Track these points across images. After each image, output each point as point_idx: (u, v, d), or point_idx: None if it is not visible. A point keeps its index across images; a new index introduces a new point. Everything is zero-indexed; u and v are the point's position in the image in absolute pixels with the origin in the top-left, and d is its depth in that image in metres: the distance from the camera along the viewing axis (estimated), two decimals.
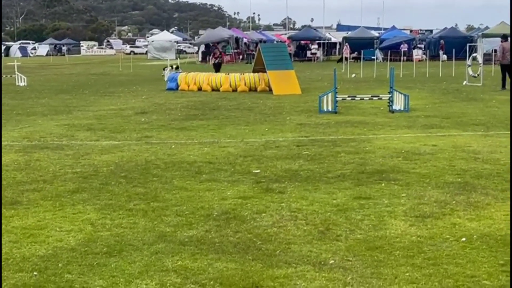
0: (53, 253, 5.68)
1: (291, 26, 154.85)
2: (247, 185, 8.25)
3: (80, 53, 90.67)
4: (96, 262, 5.42)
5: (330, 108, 16.64)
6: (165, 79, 26.83)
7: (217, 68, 33.82)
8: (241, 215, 6.79)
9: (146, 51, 73.36)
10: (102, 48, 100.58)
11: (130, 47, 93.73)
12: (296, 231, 6.20)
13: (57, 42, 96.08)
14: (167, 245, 5.85)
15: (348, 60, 39.93)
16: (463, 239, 5.83)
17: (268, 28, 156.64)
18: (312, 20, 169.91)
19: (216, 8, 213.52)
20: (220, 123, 14.64)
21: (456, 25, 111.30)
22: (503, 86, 23.27)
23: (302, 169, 9.20)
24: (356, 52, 50.20)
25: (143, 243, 5.92)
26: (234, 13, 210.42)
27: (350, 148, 11.01)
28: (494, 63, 31.10)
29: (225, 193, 7.79)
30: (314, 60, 57.10)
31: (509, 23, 54.76)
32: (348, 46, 52.50)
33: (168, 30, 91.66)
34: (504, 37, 25.48)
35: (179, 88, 24.64)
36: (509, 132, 12.67)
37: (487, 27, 62.56)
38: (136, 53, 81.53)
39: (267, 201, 7.37)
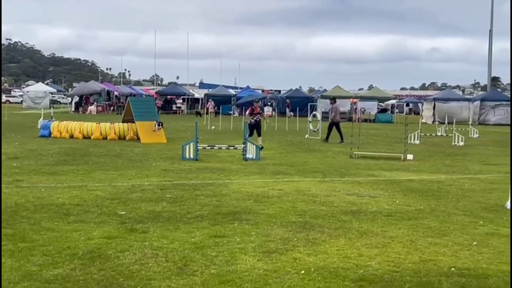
0: None
1: (159, 82, 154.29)
2: (113, 225, 7.97)
3: None
4: None
5: (192, 156, 16.65)
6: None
7: (254, 129, 20.66)
8: (106, 254, 6.52)
9: (21, 101, 69.82)
10: None
11: (6, 96, 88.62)
12: (157, 268, 6.05)
13: None
14: (32, 283, 5.47)
15: (209, 114, 40.35)
16: (302, 271, 5.96)
17: (138, 83, 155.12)
18: (177, 77, 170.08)
19: (90, 64, 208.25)
20: (89, 168, 14.13)
21: (300, 87, 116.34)
22: (327, 139, 25.11)
23: (164, 211, 9.05)
24: (216, 107, 51.06)
25: (9, 282, 5.50)
26: (107, 69, 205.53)
27: (208, 191, 11.01)
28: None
29: (91, 234, 7.46)
30: (179, 113, 57.15)
31: (343, 87, 58.29)
32: (212, 102, 53.40)
33: (43, 82, 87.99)
34: (333, 99, 27.60)
35: (52, 135, 23.62)
36: (342, 179, 13.33)
37: (325, 90, 66.03)
38: (12, 102, 77.22)
39: (131, 240, 7.15)
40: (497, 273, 6.03)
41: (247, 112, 21.22)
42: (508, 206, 9.81)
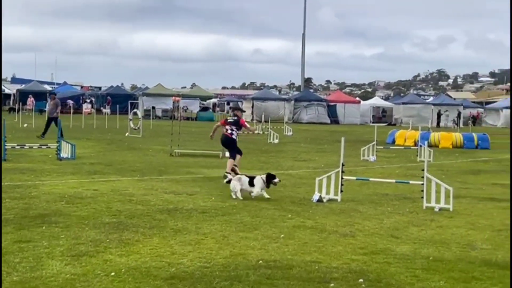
0: None
1: None
2: None
3: None
4: None
5: None
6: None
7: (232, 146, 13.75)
8: None
9: None
10: None
11: None
12: None
13: None
14: None
15: (20, 111, 37.84)
16: (113, 273, 5.82)
17: None
18: None
19: None
20: None
21: (122, 84, 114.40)
22: (43, 134, 23.56)
23: None
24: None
25: None
26: None
27: (15, 194, 10.31)
28: (153, 118, 32.43)
29: None
30: None
31: (167, 85, 58.24)
32: (32, 98, 50.31)
33: None
34: (54, 94, 27.69)
35: None
36: (161, 177, 13.30)
37: (147, 87, 65.49)
38: None
39: None
40: (300, 263, 6.42)
41: (234, 128, 13.67)
42: (314, 200, 10.51)
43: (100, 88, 78.85)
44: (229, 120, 13.96)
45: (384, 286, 5.72)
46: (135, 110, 31.04)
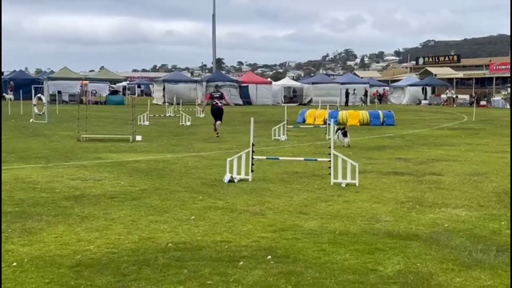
0: None
1: None
2: None
3: None
4: None
5: None
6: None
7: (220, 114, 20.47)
8: None
9: None
10: None
11: None
12: None
13: None
14: None
15: None
16: (14, 263, 5.59)
17: None
18: None
19: None
20: None
21: (26, 68, 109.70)
22: None
23: None
24: None
25: None
26: None
27: None
28: (59, 102, 31.25)
29: None
30: None
31: (74, 69, 56.33)
32: None
33: None
34: None
35: None
36: (67, 163, 12.88)
37: (52, 71, 63.12)
38: None
39: None
40: (210, 244, 6.43)
41: (221, 100, 20.43)
42: (225, 180, 10.55)
43: (2, 73, 75.01)
44: (215, 95, 20.40)
45: (292, 261, 5.84)
46: (39, 95, 29.75)
